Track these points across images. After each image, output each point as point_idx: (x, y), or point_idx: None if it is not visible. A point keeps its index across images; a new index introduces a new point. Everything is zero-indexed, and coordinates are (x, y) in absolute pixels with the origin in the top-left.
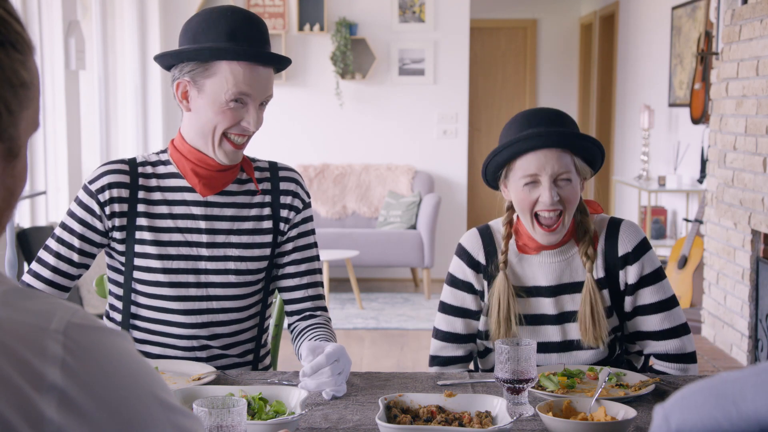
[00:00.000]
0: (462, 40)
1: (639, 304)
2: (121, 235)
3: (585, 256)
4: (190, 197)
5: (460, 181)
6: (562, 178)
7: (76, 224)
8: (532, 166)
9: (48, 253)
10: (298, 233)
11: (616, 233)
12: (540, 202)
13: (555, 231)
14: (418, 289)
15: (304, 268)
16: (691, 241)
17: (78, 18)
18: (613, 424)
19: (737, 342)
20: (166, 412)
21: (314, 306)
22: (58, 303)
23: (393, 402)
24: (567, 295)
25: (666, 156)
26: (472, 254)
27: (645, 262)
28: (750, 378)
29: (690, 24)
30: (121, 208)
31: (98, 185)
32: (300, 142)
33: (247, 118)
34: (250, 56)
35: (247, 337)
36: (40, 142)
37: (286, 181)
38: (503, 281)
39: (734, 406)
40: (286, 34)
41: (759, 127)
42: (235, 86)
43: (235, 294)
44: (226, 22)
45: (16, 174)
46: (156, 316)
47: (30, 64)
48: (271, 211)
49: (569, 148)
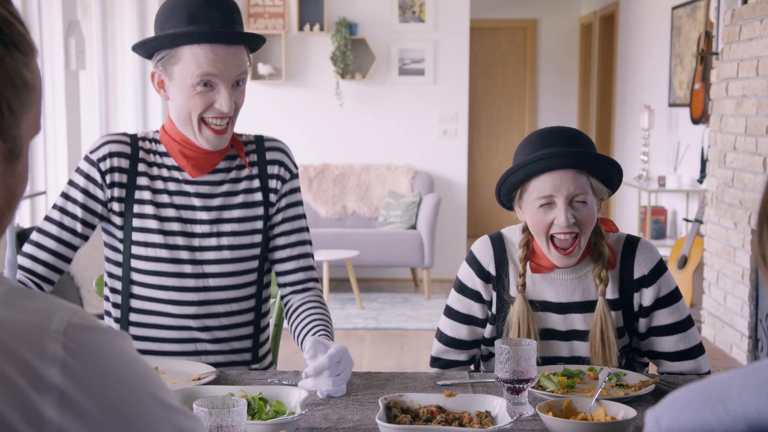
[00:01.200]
0: (462, 40)
1: (654, 325)
2: (119, 207)
3: (598, 278)
4: (181, 176)
5: (460, 181)
6: (578, 200)
7: (78, 193)
8: (547, 187)
9: (51, 224)
10: (287, 203)
11: (633, 255)
12: (555, 224)
13: (571, 254)
14: (418, 289)
15: (294, 238)
16: (691, 241)
17: (78, 18)
18: (613, 424)
19: (737, 342)
20: (166, 411)
21: (306, 277)
22: (59, 303)
23: (393, 402)
24: (577, 314)
25: (666, 156)
26: (482, 264)
27: (662, 285)
28: (737, 378)
29: (690, 24)
30: (121, 179)
31: (100, 154)
32: (300, 142)
33: (219, 99)
34: (207, 37)
35: (245, 320)
36: (40, 142)
37: (273, 150)
38: (522, 304)
39: (722, 404)
40: (286, 34)
41: (759, 127)
42: (198, 68)
43: (230, 270)
44: (186, 6)
45: (18, 175)
46: (153, 294)
47: (33, 65)
48: (259, 183)
49: (585, 168)
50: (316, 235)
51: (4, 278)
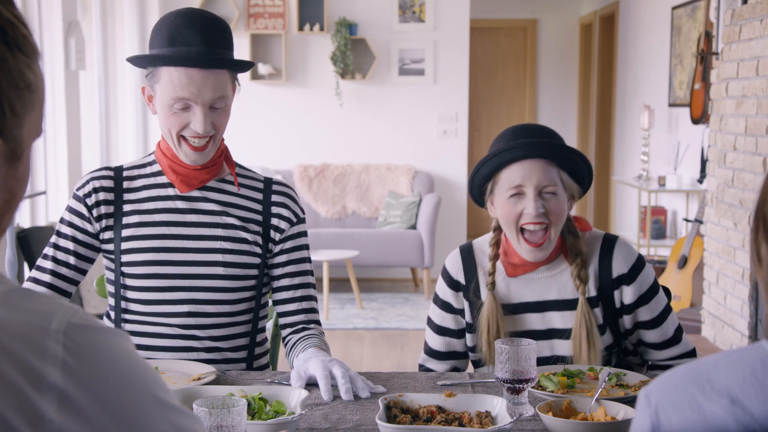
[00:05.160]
0: (462, 40)
1: (639, 320)
2: (109, 234)
3: (578, 279)
4: (174, 192)
5: (460, 181)
6: (547, 191)
7: (68, 229)
8: (517, 177)
9: (46, 260)
10: (293, 246)
11: (611, 253)
12: (525, 214)
13: (541, 247)
14: (418, 289)
15: (298, 281)
16: (691, 241)
17: (78, 18)
18: (613, 424)
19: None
20: (166, 411)
21: (307, 319)
22: (59, 303)
23: (393, 402)
24: (555, 312)
25: (666, 156)
26: (451, 274)
27: (642, 282)
28: (723, 358)
29: (690, 24)
30: (107, 210)
31: (85, 190)
32: (300, 142)
33: (193, 121)
34: (180, 61)
35: (240, 331)
36: (41, 142)
37: (280, 195)
38: (491, 302)
39: (708, 382)
40: (286, 34)
41: (759, 127)
42: (173, 91)
43: (223, 286)
44: (168, 27)
45: (19, 176)
46: (146, 309)
47: (35, 67)
48: (261, 218)
49: (555, 159)
50: (317, 235)
51: (4, 278)
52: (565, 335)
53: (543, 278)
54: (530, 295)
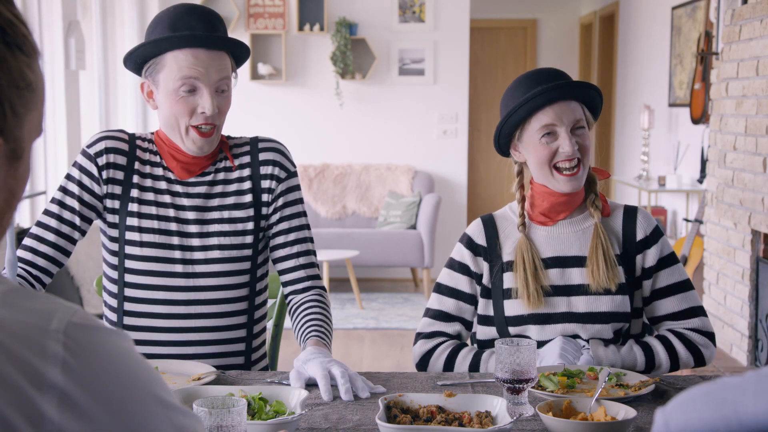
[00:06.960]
0: (462, 40)
1: (657, 287)
2: (113, 203)
3: (593, 206)
4: (173, 177)
5: (460, 181)
6: (578, 126)
7: (75, 187)
8: (550, 117)
9: (50, 217)
10: (285, 202)
11: (634, 218)
12: (560, 152)
13: (576, 175)
14: (418, 289)
15: (293, 237)
16: (691, 241)
17: (78, 18)
18: (613, 424)
19: (737, 342)
20: (166, 410)
21: (307, 275)
22: (59, 303)
23: (393, 402)
24: (574, 269)
25: (666, 156)
26: (472, 238)
27: (663, 246)
28: (750, 385)
29: (690, 24)
30: (117, 175)
31: (97, 149)
32: (300, 142)
33: (201, 103)
34: (187, 41)
35: (237, 322)
36: (41, 142)
37: (267, 151)
38: (524, 241)
39: (734, 413)
40: (286, 34)
41: (759, 127)
42: (179, 72)
43: (220, 270)
44: (169, 16)
45: (19, 176)
46: (145, 295)
47: (35, 67)
48: (251, 184)
49: (581, 98)
50: (316, 235)
51: (4, 278)
52: (583, 290)
53: (567, 233)
54: (551, 250)
